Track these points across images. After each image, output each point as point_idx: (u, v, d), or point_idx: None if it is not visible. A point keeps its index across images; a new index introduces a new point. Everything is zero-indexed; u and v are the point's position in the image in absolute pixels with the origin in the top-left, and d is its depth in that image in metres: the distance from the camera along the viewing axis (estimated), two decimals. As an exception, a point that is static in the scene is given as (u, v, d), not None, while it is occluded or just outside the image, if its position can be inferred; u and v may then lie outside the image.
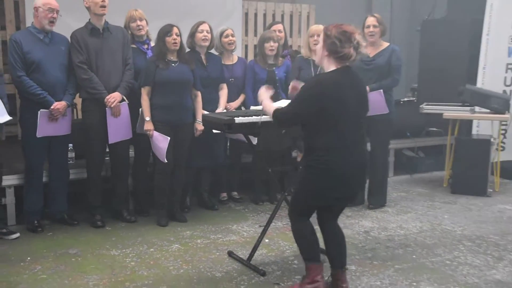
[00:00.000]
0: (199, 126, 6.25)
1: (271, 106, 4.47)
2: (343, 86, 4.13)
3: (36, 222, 6.10)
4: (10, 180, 6.16)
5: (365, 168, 4.40)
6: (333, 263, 4.43)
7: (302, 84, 4.42)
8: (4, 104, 5.56)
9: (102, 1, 5.96)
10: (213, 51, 6.85)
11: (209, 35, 6.51)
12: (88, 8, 6.03)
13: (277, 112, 4.33)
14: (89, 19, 6.07)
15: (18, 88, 5.91)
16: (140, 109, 6.13)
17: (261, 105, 4.67)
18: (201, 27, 6.48)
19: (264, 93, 4.65)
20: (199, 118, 6.23)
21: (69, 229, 6.16)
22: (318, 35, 5.60)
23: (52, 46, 5.92)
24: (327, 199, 4.26)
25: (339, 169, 4.13)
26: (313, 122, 4.14)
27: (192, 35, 6.50)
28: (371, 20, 6.73)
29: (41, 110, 5.78)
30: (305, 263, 4.41)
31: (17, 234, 5.91)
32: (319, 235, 4.44)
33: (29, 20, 6.11)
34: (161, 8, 7.57)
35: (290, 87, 4.84)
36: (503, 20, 8.73)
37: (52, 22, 5.83)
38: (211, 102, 6.52)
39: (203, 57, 6.55)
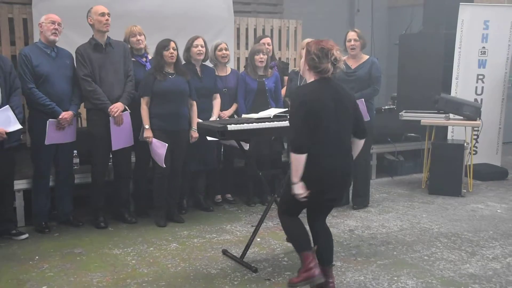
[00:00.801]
0: (194, 134, 6.26)
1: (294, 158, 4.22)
2: (322, 94, 4.13)
3: (43, 223, 6.09)
4: (19, 184, 6.15)
5: (349, 172, 4.36)
6: (320, 260, 4.39)
7: None
8: (17, 114, 5.56)
9: (106, 19, 5.99)
10: (207, 63, 6.85)
11: (204, 49, 6.52)
12: (92, 25, 6.04)
13: (292, 145, 4.15)
14: (93, 35, 6.08)
15: (28, 99, 5.89)
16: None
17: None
18: (196, 42, 6.49)
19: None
20: (195, 126, 6.23)
21: (74, 230, 6.14)
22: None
23: (58, 60, 5.93)
24: (312, 199, 4.21)
25: (321, 171, 4.13)
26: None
27: (188, 49, 6.50)
28: (352, 35, 6.75)
29: (49, 119, 5.79)
30: (299, 253, 4.36)
31: (26, 235, 5.90)
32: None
33: (37, 36, 6.09)
34: (159, 24, 7.56)
35: None
36: (473, 34, 8.83)
37: (54, 33, 5.83)
38: (205, 111, 6.50)
39: (198, 69, 6.55)
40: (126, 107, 6.09)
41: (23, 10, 7.86)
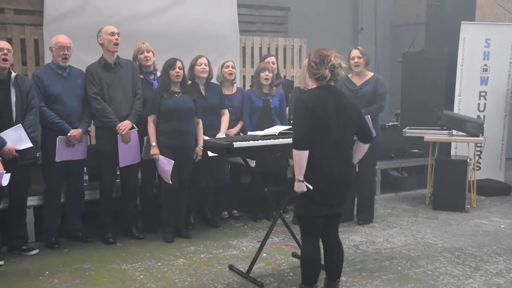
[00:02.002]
0: (200, 151, 6.28)
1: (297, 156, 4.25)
2: (323, 99, 4.17)
3: (53, 239, 6.10)
4: (30, 201, 6.14)
5: (349, 176, 4.37)
6: (329, 274, 4.43)
7: None
8: (29, 133, 5.58)
9: (116, 39, 6.04)
10: (214, 80, 6.88)
11: (207, 67, 6.55)
12: (102, 45, 6.10)
13: (294, 143, 4.18)
14: (102, 55, 6.13)
15: (39, 118, 5.90)
16: (145, 137, 6.17)
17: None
18: (199, 61, 6.53)
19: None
20: (200, 143, 6.26)
21: (83, 245, 6.15)
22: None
23: (70, 80, 5.98)
24: (316, 208, 4.22)
25: (321, 174, 4.16)
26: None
27: (192, 68, 6.54)
28: (355, 52, 6.78)
29: (59, 136, 5.83)
30: (301, 283, 4.40)
31: (36, 251, 5.91)
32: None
33: (47, 56, 6.15)
34: (167, 43, 7.61)
35: None
36: (475, 52, 8.87)
37: (65, 58, 5.91)
38: (211, 128, 6.52)
39: (201, 87, 6.58)
40: (134, 125, 6.12)
41: (34, 31, 7.90)
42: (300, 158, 4.10)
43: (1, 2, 7.82)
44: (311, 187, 4.11)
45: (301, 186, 4.13)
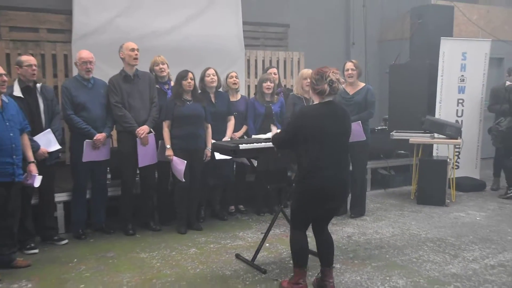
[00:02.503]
0: (208, 153, 6.28)
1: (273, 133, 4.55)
2: (323, 116, 4.18)
3: (80, 231, 6.12)
4: (60, 197, 6.20)
5: (346, 184, 4.38)
6: (322, 262, 4.44)
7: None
8: (56, 136, 5.66)
9: (135, 54, 6.07)
10: (222, 89, 6.87)
11: (215, 77, 6.55)
12: (122, 59, 6.13)
13: (273, 137, 4.49)
14: (123, 67, 6.14)
15: (68, 124, 5.99)
16: (160, 141, 6.19)
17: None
18: (208, 72, 6.54)
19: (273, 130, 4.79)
20: (209, 145, 6.26)
21: (107, 236, 6.16)
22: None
23: (94, 90, 6.01)
24: (314, 209, 4.26)
25: (320, 185, 4.15)
26: (300, 146, 4.20)
27: (202, 79, 6.54)
28: (349, 65, 6.79)
29: (86, 140, 5.86)
30: (294, 267, 4.42)
31: (66, 241, 5.94)
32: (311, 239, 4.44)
33: (75, 69, 6.16)
34: (181, 57, 7.59)
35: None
36: (453, 64, 8.89)
37: (88, 71, 5.94)
38: (219, 132, 6.51)
39: (212, 95, 6.57)
40: (151, 129, 6.13)
41: (64, 48, 7.94)
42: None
43: (36, 23, 7.91)
44: None
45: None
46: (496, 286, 4.62)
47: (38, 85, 5.69)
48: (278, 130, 4.88)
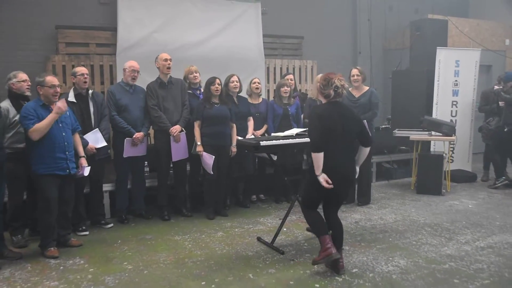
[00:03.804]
0: (234, 149, 6.24)
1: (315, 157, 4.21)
2: (331, 113, 4.18)
3: (123, 216, 6.14)
4: (106, 187, 6.24)
5: (353, 172, 4.37)
6: (334, 244, 4.36)
7: None
8: (104, 135, 5.71)
9: (168, 64, 6.11)
10: (244, 93, 6.84)
11: (238, 83, 6.51)
12: (158, 68, 6.16)
13: (311, 147, 4.19)
14: (159, 75, 6.16)
15: (111, 123, 5.99)
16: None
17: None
18: (232, 79, 6.50)
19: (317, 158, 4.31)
20: (234, 142, 6.23)
21: (146, 221, 6.17)
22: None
23: (135, 95, 6.04)
24: (324, 192, 4.23)
25: (331, 171, 4.14)
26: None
27: (226, 84, 6.49)
28: (355, 71, 6.73)
29: (126, 138, 5.89)
30: (318, 237, 4.34)
31: (111, 224, 5.98)
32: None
33: (119, 77, 6.19)
34: (209, 65, 7.57)
35: None
36: (448, 71, 8.80)
37: (134, 79, 6.01)
38: (240, 130, 6.47)
39: (235, 99, 6.53)
40: (183, 129, 6.13)
41: (110, 59, 8.02)
42: (318, 158, 4.13)
43: (87, 39, 8.04)
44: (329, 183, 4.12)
45: (323, 178, 4.13)
46: (486, 265, 4.56)
47: (90, 91, 5.76)
48: (297, 129, 4.85)
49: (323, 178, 4.13)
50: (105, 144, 5.72)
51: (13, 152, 4.93)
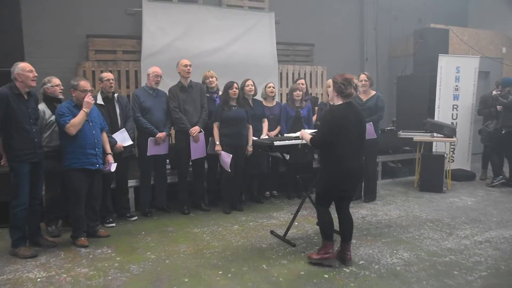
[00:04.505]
0: (250, 148, 6.24)
1: (309, 136, 4.40)
2: (346, 114, 4.16)
3: (147, 210, 6.17)
4: (131, 182, 6.28)
5: (361, 172, 4.38)
6: (343, 237, 4.38)
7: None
8: (130, 134, 5.75)
9: (188, 69, 6.11)
10: (258, 97, 6.83)
11: (253, 87, 6.50)
12: (179, 73, 6.16)
13: (312, 140, 4.30)
14: (180, 80, 6.16)
15: (136, 124, 6.02)
16: (210, 138, 6.18)
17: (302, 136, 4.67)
18: (247, 83, 6.50)
19: (305, 132, 4.63)
20: (250, 142, 6.22)
21: (167, 215, 6.19)
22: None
23: (157, 98, 6.05)
24: (336, 189, 4.24)
25: (341, 171, 4.16)
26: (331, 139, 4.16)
27: (242, 88, 6.47)
28: (363, 76, 6.69)
29: (150, 138, 5.91)
30: (322, 239, 4.37)
31: (136, 217, 6.01)
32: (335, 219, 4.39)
33: (143, 82, 6.22)
34: (226, 70, 7.59)
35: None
36: (449, 76, 8.74)
37: (157, 83, 6.02)
38: (257, 131, 6.46)
39: (250, 102, 6.51)
40: (202, 129, 6.13)
41: (135, 65, 8.05)
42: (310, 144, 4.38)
43: (114, 46, 8.11)
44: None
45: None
46: (483, 258, 4.53)
47: (116, 95, 5.80)
48: (308, 130, 4.83)
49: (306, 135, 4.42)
50: (131, 142, 5.76)
51: (49, 150, 5.02)
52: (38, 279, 4.09)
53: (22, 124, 4.53)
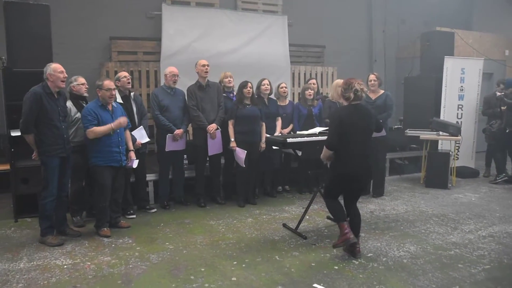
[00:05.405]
0: (263, 145, 6.22)
1: (325, 150, 4.30)
2: (352, 115, 4.14)
3: (165, 202, 6.18)
4: (150, 176, 6.30)
5: (369, 169, 4.34)
6: (352, 231, 4.33)
7: None
8: (146, 131, 5.75)
9: (206, 69, 6.09)
10: (272, 96, 6.80)
11: (269, 86, 6.49)
12: (197, 73, 6.15)
13: (326, 144, 4.25)
14: (198, 79, 6.16)
15: (155, 122, 6.04)
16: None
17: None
18: (263, 82, 6.49)
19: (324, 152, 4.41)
20: (263, 139, 6.20)
21: (184, 207, 6.21)
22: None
23: (175, 96, 6.04)
24: (344, 187, 4.25)
25: (350, 169, 4.15)
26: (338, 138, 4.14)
27: (258, 87, 6.48)
28: (372, 77, 6.69)
29: (168, 134, 5.91)
30: (338, 223, 4.32)
31: (155, 209, 6.03)
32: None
33: (163, 81, 6.22)
34: (241, 70, 7.59)
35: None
36: (454, 77, 8.67)
37: (174, 82, 6.01)
38: (271, 129, 6.45)
39: (265, 100, 6.51)
40: (218, 127, 6.12)
41: (154, 65, 8.09)
42: (327, 152, 4.26)
43: (135, 48, 8.15)
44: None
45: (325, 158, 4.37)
46: (487, 252, 4.49)
47: (132, 93, 5.81)
48: (319, 128, 4.82)
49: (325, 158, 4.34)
50: (148, 139, 5.78)
51: (74, 145, 5.06)
52: (65, 266, 4.14)
53: (53, 121, 4.60)
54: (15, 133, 5.24)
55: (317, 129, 5.50)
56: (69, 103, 5.14)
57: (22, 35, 5.51)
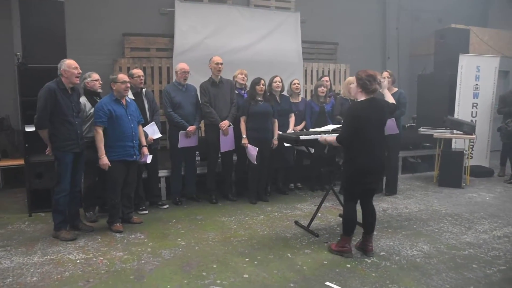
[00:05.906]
0: (275, 142, 6.20)
1: (333, 138, 4.30)
2: (369, 110, 4.07)
3: (177, 198, 6.20)
4: (163, 173, 6.33)
5: (383, 166, 4.28)
6: (365, 229, 4.34)
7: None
8: (158, 126, 5.77)
9: (219, 67, 6.09)
10: (285, 93, 6.78)
11: (281, 84, 6.45)
12: (211, 69, 6.15)
13: (338, 138, 4.20)
14: (211, 75, 6.16)
15: (167, 118, 6.06)
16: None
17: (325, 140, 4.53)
18: (275, 79, 6.46)
19: (325, 137, 4.54)
20: (275, 136, 6.18)
21: (196, 204, 6.21)
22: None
23: (187, 93, 6.04)
24: (361, 183, 4.16)
25: (364, 166, 4.09)
26: (354, 135, 4.08)
27: (270, 84, 6.45)
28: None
29: (181, 131, 5.92)
30: (342, 234, 4.33)
31: (167, 206, 6.05)
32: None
33: (175, 77, 6.22)
34: (254, 67, 7.54)
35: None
36: (469, 75, 8.57)
37: (185, 79, 6.02)
38: (283, 126, 6.43)
39: (277, 97, 6.48)
40: (231, 123, 6.11)
41: (167, 62, 8.10)
42: (335, 144, 4.26)
43: (148, 44, 8.16)
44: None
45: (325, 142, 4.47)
46: (502, 252, 4.43)
47: (144, 90, 5.83)
48: (332, 125, 4.78)
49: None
50: (160, 135, 5.79)
51: (87, 140, 5.07)
52: (78, 261, 4.17)
53: (67, 117, 4.63)
54: (30, 129, 5.29)
55: (330, 127, 5.45)
56: (83, 99, 5.16)
57: (36, 31, 5.58)
